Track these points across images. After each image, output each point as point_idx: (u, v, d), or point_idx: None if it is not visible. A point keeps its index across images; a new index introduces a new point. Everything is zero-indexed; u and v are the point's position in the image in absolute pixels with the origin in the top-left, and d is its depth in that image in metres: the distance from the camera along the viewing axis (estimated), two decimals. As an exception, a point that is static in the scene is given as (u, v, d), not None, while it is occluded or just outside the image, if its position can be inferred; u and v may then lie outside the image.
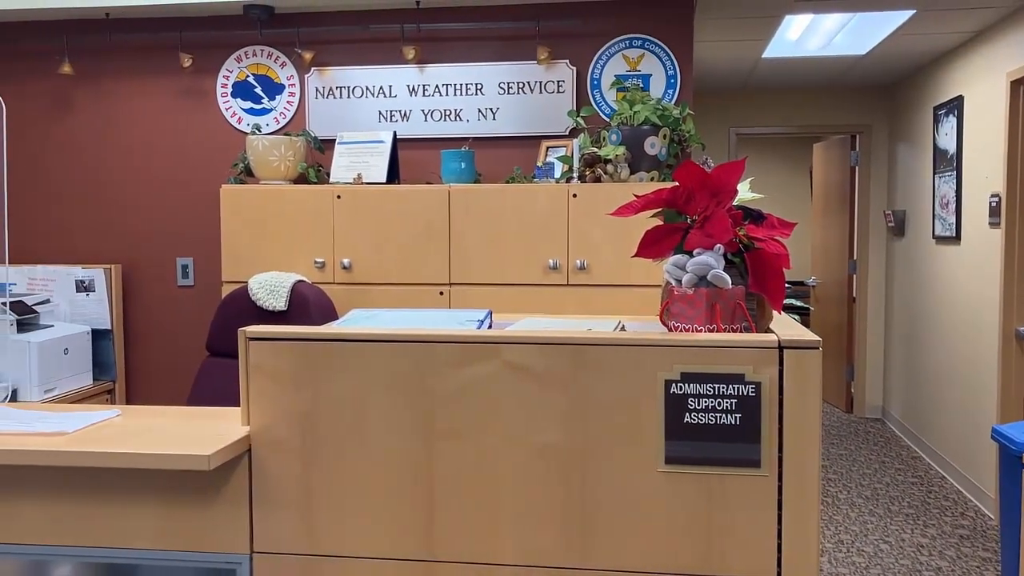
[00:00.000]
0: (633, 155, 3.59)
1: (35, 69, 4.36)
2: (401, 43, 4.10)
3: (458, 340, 1.75)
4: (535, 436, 1.74)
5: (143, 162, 4.34)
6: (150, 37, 4.27)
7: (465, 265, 3.63)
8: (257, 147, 3.88)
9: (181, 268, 4.33)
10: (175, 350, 4.35)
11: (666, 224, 1.90)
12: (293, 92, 4.22)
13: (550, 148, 3.95)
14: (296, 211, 3.74)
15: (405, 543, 1.78)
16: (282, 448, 1.81)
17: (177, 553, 1.83)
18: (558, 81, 4.03)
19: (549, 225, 3.56)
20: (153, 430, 1.87)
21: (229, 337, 3.52)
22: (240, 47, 4.23)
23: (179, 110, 4.30)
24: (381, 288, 3.71)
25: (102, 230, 4.37)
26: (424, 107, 4.12)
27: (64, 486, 1.83)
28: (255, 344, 1.82)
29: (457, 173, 3.78)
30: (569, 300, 3.55)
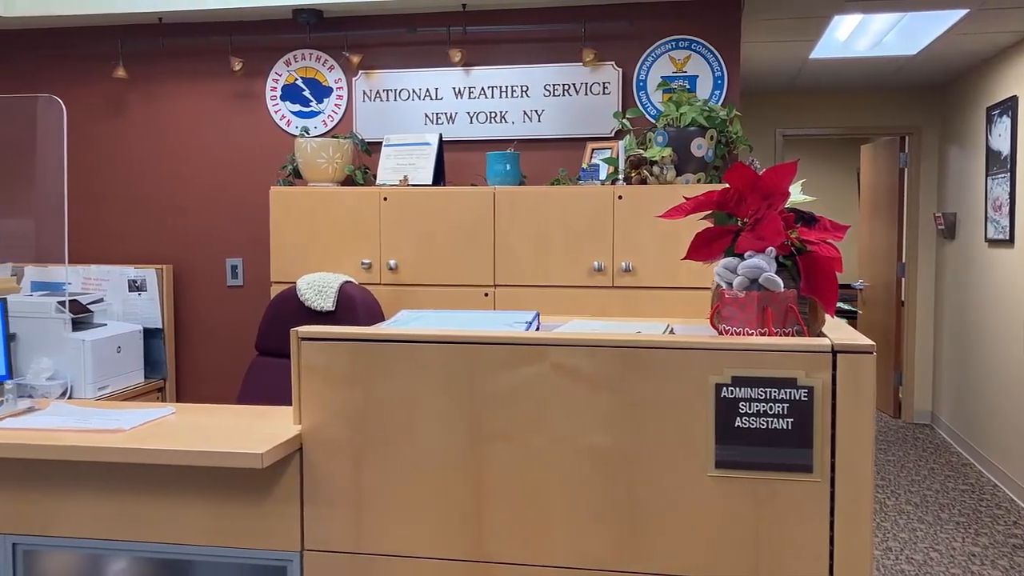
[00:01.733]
0: (679, 157, 3.57)
1: (90, 73, 4.46)
2: (447, 46, 4.13)
3: (507, 342, 1.75)
4: (584, 438, 1.74)
5: (194, 164, 4.41)
6: (201, 41, 4.35)
7: (510, 267, 3.63)
8: (305, 149, 3.92)
9: (230, 268, 4.40)
10: (224, 349, 4.42)
11: (716, 226, 1.88)
12: (341, 95, 4.26)
13: (595, 150, 3.94)
14: (343, 213, 3.78)
15: (454, 543, 1.79)
16: (333, 447, 1.83)
17: (229, 550, 1.86)
18: (604, 83, 4.02)
19: (594, 227, 3.55)
20: (207, 428, 1.90)
21: (278, 337, 3.56)
22: (289, 51, 4.28)
23: (229, 113, 4.37)
24: (426, 289, 3.73)
25: (154, 231, 4.46)
26: (470, 109, 4.13)
27: (121, 482, 1.87)
28: (307, 344, 1.84)
29: (502, 175, 3.79)
30: (614, 302, 3.54)
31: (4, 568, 1.92)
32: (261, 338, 3.60)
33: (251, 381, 3.58)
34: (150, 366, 4.20)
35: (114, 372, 3.88)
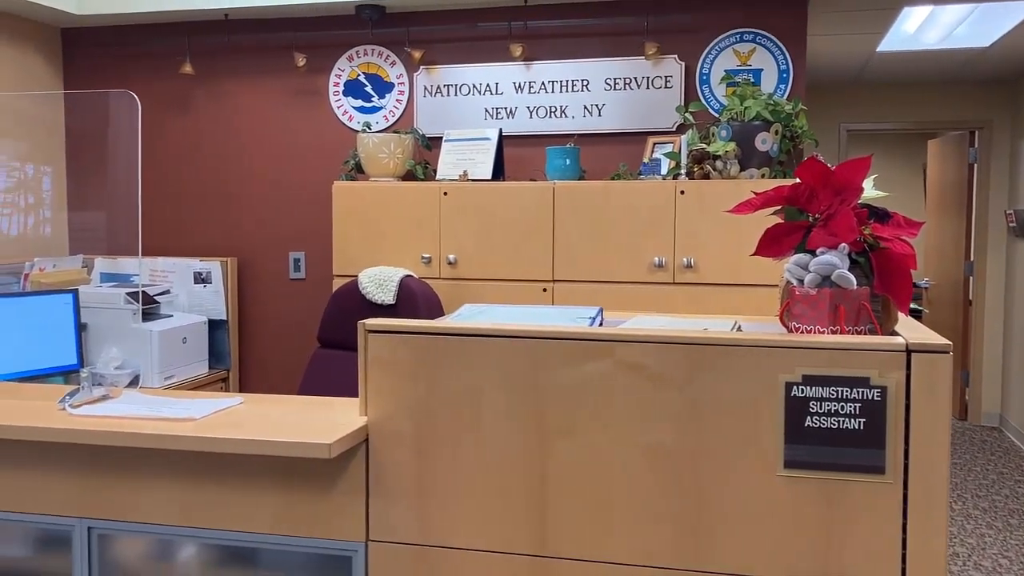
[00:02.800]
0: (743, 151, 3.52)
1: (159, 69, 4.55)
2: (508, 40, 4.12)
3: (573, 337, 1.75)
4: (649, 436, 1.72)
5: (258, 159, 4.48)
6: (266, 37, 4.41)
7: (569, 262, 3.62)
8: (367, 144, 3.96)
9: (293, 262, 4.46)
10: (286, 341, 4.49)
11: (787, 222, 1.85)
12: (402, 90, 4.29)
13: (657, 144, 3.90)
14: (404, 207, 3.81)
15: (517, 537, 1.79)
16: (398, 439, 1.85)
17: (295, 539, 1.89)
18: (666, 76, 3.98)
19: (655, 222, 3.52)
20: (274, 418, 1.93)
21: (339, 329, 3.60)
22: (352, 46, 4.32)
23: (293, 108, 4.43)
24: (485, 284, 3.74)
25: (219, 224, 4.54)
26: (530, 104, 4.13)
27: (191, 470, 1.91)
28: (374, 337, 1.86)
29: (562, 170, 3.78)
30: (675, 299, 3.50)
31: (80, 551, 1.97)
32: (323, 330, 3.65)
33: (313, 373, 3.63)
34: (214, 357, 4.28)
35: (180, 362, 3.97)
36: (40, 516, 1.99)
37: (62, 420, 1.89)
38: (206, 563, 1.97)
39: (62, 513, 1.97)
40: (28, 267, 3.99)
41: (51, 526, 1.99)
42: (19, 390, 2.25)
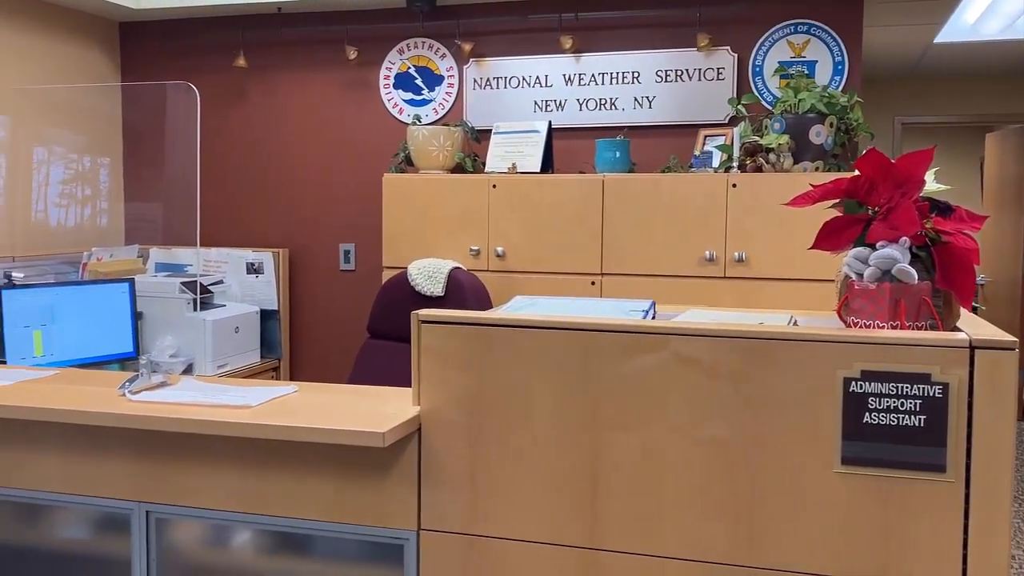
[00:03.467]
0: (797, 144, 3.47)
1: (213, 63, 4.62)
2: (558, 33, 4.11)
3: (627, 330, 1.74)
4: (703, 430, 1.71)
5: (310, 151, 4.53)
6: (318, 31, 4.45)
7: (618, 255, 3.60)
8: (417, 137, 3.98)
9: (343, 253, 4.50)
10: (336, 331, 4.53)
11: (846, 215, 1.82)
12: (452, 83, 4.30)
13: (708, 137, 3.87)
14: (453, 200, 3.82)
15: (568, 529, 1.79)
16: (450, 429, 1.85)
17: (348, 526, 1.90)
18: (718, 68, 3.94)
19: (706, 216, 3.49)
20: (328, 406, 1.95)
21: (389, 320, 3.63)
22: (402, 39, 4.34)
23: (343, 101, 4.46)
24: (533, 276, 3.74)
25: (271, 216, 4.60)
26: (579, 96, 4.11)
27: (247, 456, 1.94)
28: (427, 327, 1.87)
29: (611, 162, 3.76)
30: (726, 293, 3.47)
31: (139, 534, 2.02)
32: (373, 321, 3.68)
33: (363, 363, 3.66)
34: (266, 346, 4.34)
35: (232, 351, 4.03)
36: (101, 499, 2.04)
37: (123, 406, 1.93)
38: (260, 549, 2.00)
39: (122, 497, 2.02)
40: (86, 256, 4.08)
41: (111, 509, 2.04)
42: (80, 376, 2.30)
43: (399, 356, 3.58)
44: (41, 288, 3.59)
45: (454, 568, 1.86)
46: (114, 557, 2.07)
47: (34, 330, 3.51)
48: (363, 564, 1.93)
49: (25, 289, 3.52)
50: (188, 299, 3.86)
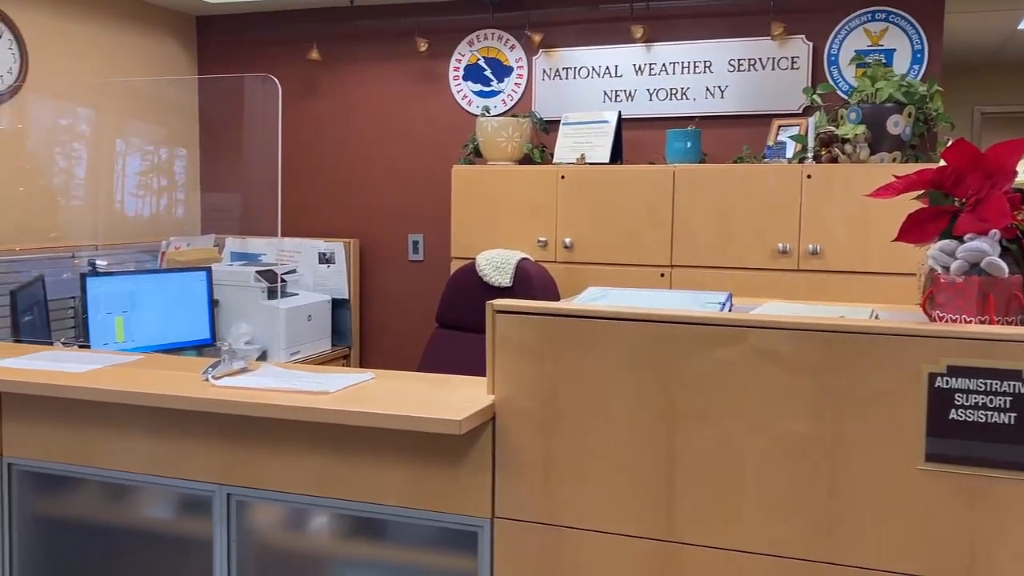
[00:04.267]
0: (873, 135, 3.40)
1: (287, 55, 4.70)
2: (629, 22, 4.08)
3: (705, 322, 1.72)
4: (782, 424, 1.69)
5: (380, 143, 4.58)
6: (389, 23, 4.49)
7: (688, 247, 3.57)
8: (486, 128, 3.99)
9: (412, 244, 4.55)
10: (404, 320, 4.59)
11: (931, 207, 1.78)
12: (521, 74, 4.30)
13: (782, 127, 3.80)
14: (521, 191, 3.83)
15: (644, 521, 1.79)
16: (525, 418, 1.86)
17: (423, 512, 1.93)
18: (792, 57, 3.87)
19: (779, 207, 3.44)
20: (404, 394, 1.98)
21: (458, 310, 3.66)
22: (472, 31, 4.36)
23: (414, 93, 4.50)
24: (601, 268, 3.73)
25: (343, 206, 4.67)
26: (650, 86, 4.08)
27: (324, 441, 1.98)
28: (501, 317, 1.88)
29: (682, 153, 3.72)
30: (800, 286, 3.41)
31: (220, 516, 2.07)
32: (442, 311, 3.71)
33: (432, 352, 3.70)
34: (337, 334, 4.41)
35: (305, 339, 4.11)
36: (184, 481, 2.10)
37: (207, 391, 1.98)
38: (337, 532, 2.04)
39: (204, 479, 2.08)
40: (164, 245, 4.19)
41: (194, 491, 2.10)
42: (163, 361, 2.37)
43: (468, 345, 3.60)
44: (122, 276, 3.70)
45: (528, 556, 1.87)
46: (196, 538, 2.13)
47: (116, 316, 3.62)
48: (438, 550, 1.95)
49: (107, 277, 3.64)
50: (263, 287, 3.95)
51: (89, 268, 3.71)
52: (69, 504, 2.27)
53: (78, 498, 2.25)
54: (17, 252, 3.63)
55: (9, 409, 2.22)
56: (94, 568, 2.24)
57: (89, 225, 4.18)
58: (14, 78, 3.86)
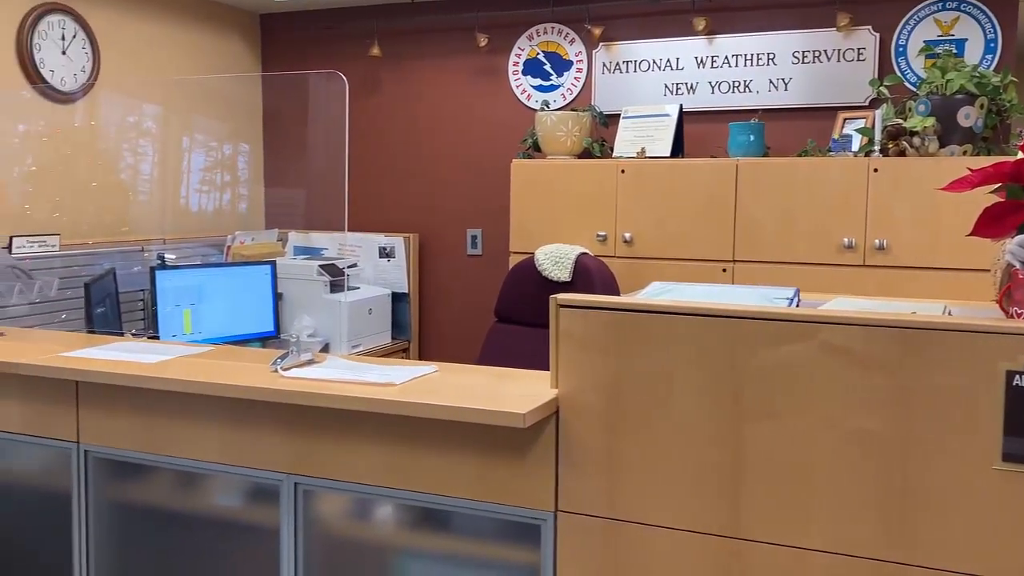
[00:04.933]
0: (943, 127, 3.32)
1: (348, 52, 4.76)
2: (691, 15, 4.04)
3: (773, 317, 1.70)
4: (853, 422, 1.66)
5: (439, 138, 4.61)
6: (449, 19, 4.52)
7: (751, 242, 3.53)
8: (545, 123, 3.99)
9: (471, 238, 4.57)
10: (462, 314, 4.62)
11: (1009, 200, 1.73)
12: (580, 68, 4.29)
13: (847, 120, 3.74)
14: (580, 185, 3.82)
15: (709, 518, 1.78)
16: (588, 413, 1.86)
17: (487, 504, 1.94)
18: (858, 49, 3.79)
19: (845, 201, 3.38)
20: (469, 387, 1.99)
21: (516, 305, 3.67)
22: (532, 25, 4.36)
23: (473, 88, 4.52)
24: (662, 263, 3.70)
25: (402, 201, 4.71)
26: (712, 79, 4.04)
27: (390, 432, 2.00)
28: (565, 311, 1.88)
29: (745, 146, 3.68)
30: (866, 281, 3.35)
31: (287, 505, 2.11)
32: (500, 305, 3.72)
33: (490, 346, 3.71)
34: (396, 328, 4.46)
35: (365, 332, 4.16)
36: (252, 470, 2.14)
37: (277, 382, 2.02)
38: (402, 523, 2.06)
39: (273, 468, 2.12)
40: (230, 240, 4.28)
41: (262, 480, 2.14)
42: (232, 353, 2.43)
43: (526, 340, 3.61)
44: (190, 269, 3.79)
45: (591, 550, 1.87)
46: (263, 526, 2.17)
47: (184, 309, 3.71)
48: (501, 543, 1.97)
49: (176, 270, 3.73)
50: (325, 281, 4.01)
51: (158, 262, 3.81)
52: (141, 491, 2.34)
53: (150, 485, 2.31)
54: (90, 246, 3.74)
55: (86, 398, 2.29)
56: (165, 553, 2.30)
57: (157, 220, 4.28)
58: (87, 76, 3.98)
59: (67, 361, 2.27)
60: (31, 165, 3.76)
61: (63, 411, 2.32)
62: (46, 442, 2.36)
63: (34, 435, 2.37)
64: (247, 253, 4.17)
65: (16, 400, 2.37)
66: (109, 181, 4.10)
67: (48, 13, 3.80)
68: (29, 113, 3.77)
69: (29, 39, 3.72)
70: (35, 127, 3.79)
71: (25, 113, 3.76)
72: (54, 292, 3.37)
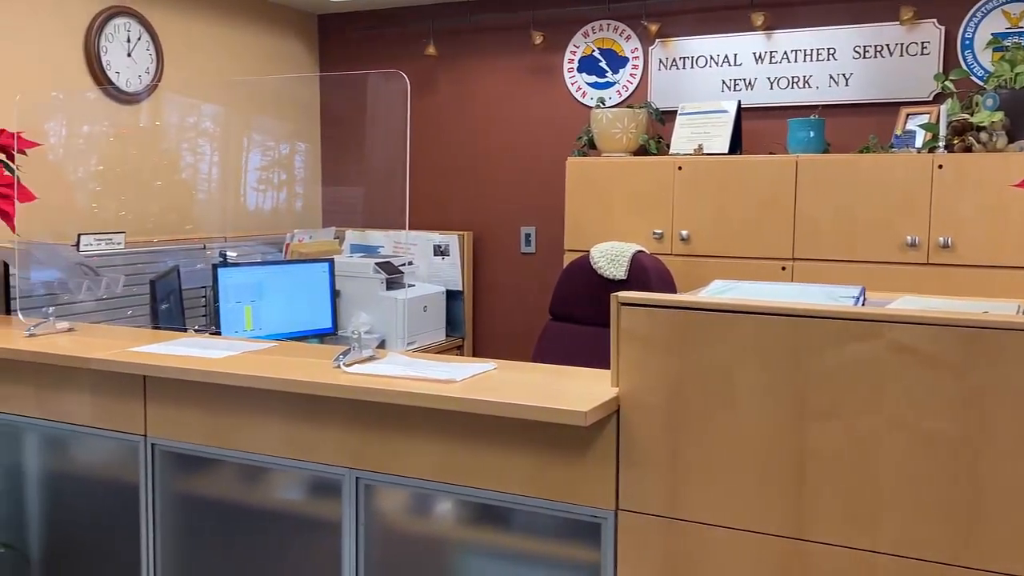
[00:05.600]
0: (1012, 122, 3.24)
1: (404, 51, 4.79)
2: (749, 10, 3.99)
3: (840, 316, 1.68)
4: (921, 422, 1.63)
5: (495, 136, 4.63)
6: (505, 17, 4.53)
7: (811, 240, 3.48)
8: (601, 120, 3.98)
9: (524, 236, 4.58)
10: (516, 312, 4.63)
11: (1087, 197, 1.68)
12: (636, 65, 4.27)
13: (910, 115, 3.66)
14: (636, 182, 3.80)
15: (772, 518, 1.76)
16: (650, 411, 1.86)
17: (547, 502, 1.95)
18: (922, 42, 3.71)
19: (908, 199, 3.31)
20: (528, 384, 2.00)
21: (571, 303, 3.66)
22: (587, 23, 4.35)
23: (528, 86, 4.53)
24: (719, 261, 3.67)
25: (457, 199, 4.74)
26: (770, 75, 3.99)
27: (451, 429, 2.01)
28: (626, 309, 1.88)
29: (805, 143, 3.63)
30: (930, 280, 3.28)
31: (349, 499, 2.14)
32: (555, 303, 3.72)
33: (545, 344, 3.71)
34: (450, 325, 4.49)
35: (421, 329, 4.19)
36: (316, 464, 2.17)
37: (340, 377, 2.05)
38: (461, 518, 2.08)
39: (335, 463, 2.15)
40: (288, 238, 4.35)
41: (325, 474, 2.17)
42: (295, 349, 2.47)
43: (581, 338, 3.61)
44: (251, 267, 3.86)
45: (652, 549, 1.87)
46: (326, 519, 2.20)
47: (245, 305, 3.78)
48: (560, 540, 1.97)
49: (237, 268, 3.79)
50: (382, 279, 4.05)
51: (220, 259, 3.88)
52: (206, 483, 2.39)
53: (215, 478, 2.36)
54: (155, 243, 3.83)
55: (153, 392, 2.35)
56: (229, 545, 2.35)
57: (219, 218, 4.37)
58: (151, 78, 4.07)
59: (136, 356, 2.32)
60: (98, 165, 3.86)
61: (131, 405, 2.38)
62: (115, 435, 2.42)
63: (103, 428, 2.43)
64: (305, 251, 4.23)
65: (86, 394, 2.44)
66: (173, 180, 4.20)
67: (114, 16, 3.90)
68: (95, 114, 3.88)
69: (96, 42, 3.82)
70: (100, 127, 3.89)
71: (92, 114, 3.87)
72: (120, 289, 3.45)
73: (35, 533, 2.62)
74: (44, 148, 3.11)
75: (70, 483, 2.58)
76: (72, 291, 3.31)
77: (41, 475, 2.61)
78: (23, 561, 2.63)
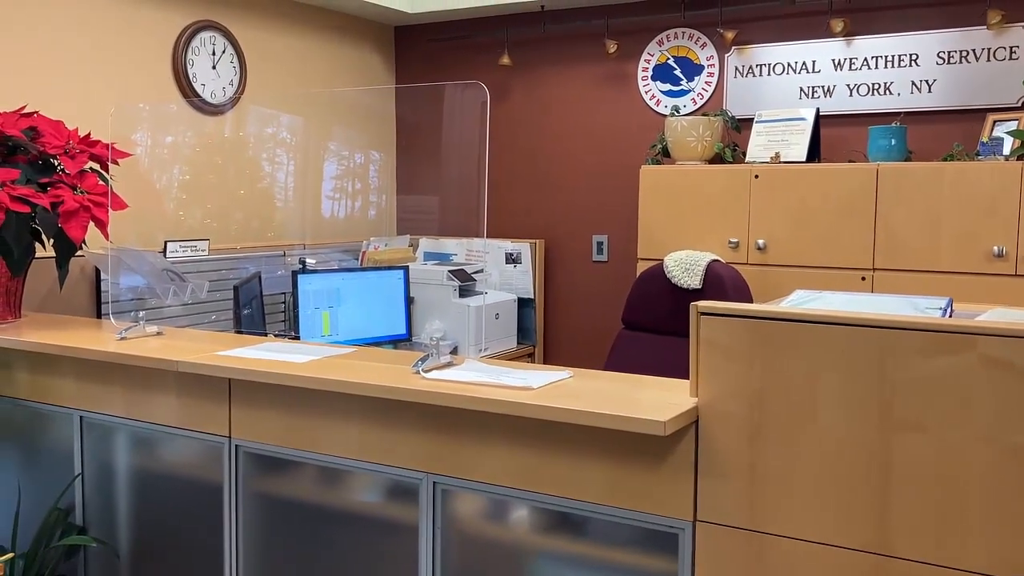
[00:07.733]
0: (1107, 128, 3.12)
1: (479, 61, 4.84)
2: (828, 16, 3.93)
3: (927, 328, 1.64)
4: (1014, 437, 1.58)
5: (568, 145, 4.64)
6: (579, 26, 4.54)
7: (892, 250, 3.41)
8: (675, 128, 3.96)
9: (596, 244, 4.58)
10: (587, 321, 4.62)
11: None
12: (712, 72, 4.24)
13: (997, 122, 3.56)
14: (711, 191, 3.77)
15: (854, 532, 1.73)
16: (729, 421, 1.84)
17: (624, 511, 1.94)
18: (1011, 47, 3.61)
19: (995, 207, 3.22)
20: (605, 393, 2.00)
21: (644, 312, 3.64)
22: (662, 31, 4.34)
23: (601, 95, 4.53)
24: (797, 271, 3.62)
25: (530, 207, 4.76)
26: (850, 81, 3.92)
27: (527, 435, 2.03)
28: (706, 319, 1.87)
29: (886, 150, 3.56)
30: (1018, 292, 3.18)
31: (426, 503, 2.17)
32: (628, 312, 3.71)
33: (618, 353, 3.70)
34: (522, 333, 4.51)
35: (492, 336, 4.22)
36: (393, 468, 2.21)
37: (419, 383, 2.08)
38: (536, 526, 2.09)
39: (412, 467, 2.18)
40: (365, 245, 4.42)
41: (402, 478, 2.21)
42: (374, 354, 2.51)
43: (654, 347, 3.59)
44: (328, 273, 3.94)
45: (732, 561, 1.85)
46: (402, 523, 2.24)
47: (323, 311, 3.86)
48: (637, 550, 1.96)
49: (315, 274, 3.88)
50: (455, 286, 4.09)
51: (300, 266, 3.97)
52: (287, 484, 2.44)
53: (296, 480, 2.42)
54: (238, 250, 3.93)
55: (238, 395, 2.42)
56: (308, 545, 2.40)
57: (298, 226, 4.47)
58: (235, 89, 4.19)
59: (223, 360, 2.39)
60: (184, 174, 3.99)
61: (217, 407, 2.45)
62: (200, 436, 2.49)
63: (189, 429, 2.51)
64: (380, 258, 4.30)
65: (173, 395, 2.52)
66: (256, 189, 4.31)
67: (201, 30, 4.03)
68: (182, 125, 4.01)
69: (184, 55, 3.95)
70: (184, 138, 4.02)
71: (178, 125, 4.00)
72: (204, 294, 3.56)
73: (124, 530, 2.72)
74: (134, 158, 3.24)
75: (157, 482, 2.67)
76: (159, 296, 3.42)
77: (130, 474, 2.70)
78: (113, 556, 2.73)
